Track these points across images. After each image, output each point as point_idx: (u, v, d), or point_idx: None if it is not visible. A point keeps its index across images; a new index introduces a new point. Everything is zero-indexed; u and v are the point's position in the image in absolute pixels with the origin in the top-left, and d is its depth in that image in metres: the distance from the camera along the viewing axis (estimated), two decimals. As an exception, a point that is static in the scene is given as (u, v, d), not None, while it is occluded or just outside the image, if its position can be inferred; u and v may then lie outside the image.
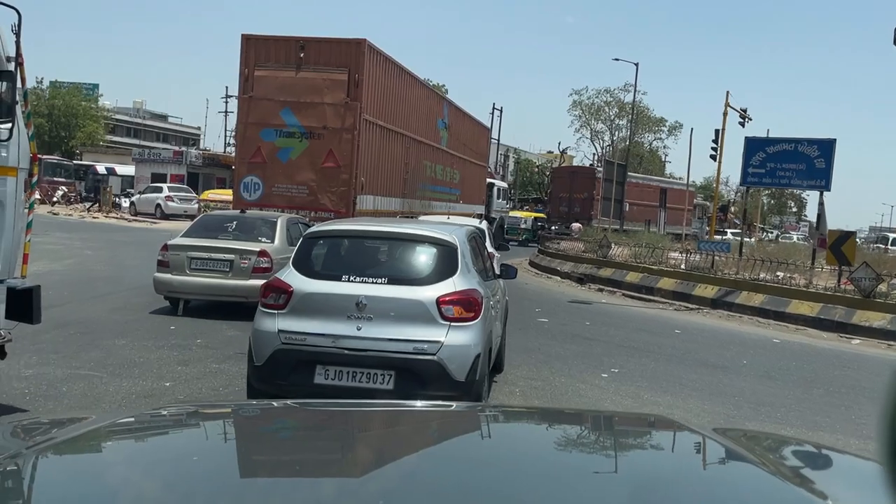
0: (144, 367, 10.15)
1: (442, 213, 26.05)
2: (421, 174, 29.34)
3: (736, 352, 14.97)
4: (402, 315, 7.17)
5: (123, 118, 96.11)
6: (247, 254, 14.15)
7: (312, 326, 7.15)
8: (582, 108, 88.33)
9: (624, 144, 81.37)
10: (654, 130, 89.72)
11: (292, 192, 21.97)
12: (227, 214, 17.10)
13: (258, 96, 22.27)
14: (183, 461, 2.12)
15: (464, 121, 36.44)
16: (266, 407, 3.21)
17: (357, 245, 8.19)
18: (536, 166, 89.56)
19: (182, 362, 10.57)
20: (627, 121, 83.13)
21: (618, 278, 23.89)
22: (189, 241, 14.65)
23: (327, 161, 22.11)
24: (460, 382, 7.03)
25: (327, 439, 2.52)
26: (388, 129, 25.27)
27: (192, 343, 11.87)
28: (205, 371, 10.17)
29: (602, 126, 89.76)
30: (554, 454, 2.41)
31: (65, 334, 11.73)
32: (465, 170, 36.08)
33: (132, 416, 2.95)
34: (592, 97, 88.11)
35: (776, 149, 22.94)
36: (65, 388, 8.90)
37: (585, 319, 17.51)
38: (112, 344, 11.44)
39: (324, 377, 7.07)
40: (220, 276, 14.10)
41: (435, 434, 2.66)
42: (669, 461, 2.40)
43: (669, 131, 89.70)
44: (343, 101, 21.84)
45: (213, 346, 11.80)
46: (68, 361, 10.15)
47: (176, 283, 14.14)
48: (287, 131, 22.18)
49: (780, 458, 2.53)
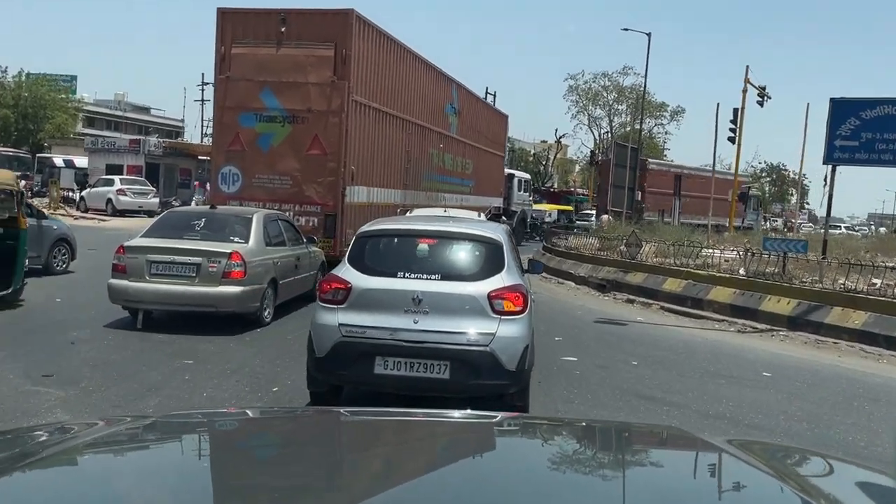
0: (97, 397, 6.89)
1: (439, 205, 18.65)
2: (426, 163, 21.82)
3: (880, 416, 7.62)
4: (455, 309, 6.31)
5: (103, 111, 75.55)
6: (216, 256, 10.12)
7: (372, 320, 6.30)
8: (579, 94, 69.59)
9: (624, 131, 65.48)
10: (656, 116, 70.10)
11: (274, 183, 16.25)
12: (194, 211, 12.58)
13: (236, 76, 16.34)
14: (176, 472, 1.75)
15: (477, 106, 28.25)
16: (269, 414, 2.90)
17: (408, 243, 6.98)
18: (531, 155, 76.56)
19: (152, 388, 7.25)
20: (627, 105, 68.16)
21: (652, 286, 15.30)
22: (149, 241, 10.43)
23: (312, 148, 16.16)
24: (511, 372, 6.20)
25: (333, 449, 2.08)
26: (383, 113, 18.38)
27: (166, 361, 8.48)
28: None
29: (600, 112, 70.70)
30: (567, 466, 1.97)
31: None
32: (479, 159, 27.86)
33: (132, 423, 2.30)
34: (589, 82, 69.64)
35: (876, 113, 13.70)
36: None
37: (628, 354, 10.16)
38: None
39: (383, 367, 6.22)
40: (185, 282, 10.08)
41: (443, 445, 2.13)
42: (685, 473, 1.96)
43: (671, 116, 71.32)
44: (329, 79, 15.99)
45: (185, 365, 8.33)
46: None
47: (133, 290, 10.08)
48: (268, 115, 16.30)
49: (796, 470, 2.04)
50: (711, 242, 20.05)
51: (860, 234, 46.58)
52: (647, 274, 15.89)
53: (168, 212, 11.92)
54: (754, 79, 26.84)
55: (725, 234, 27.06)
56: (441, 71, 22.65)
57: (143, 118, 78.11)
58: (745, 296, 13.13)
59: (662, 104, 70.70)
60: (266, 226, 11.13)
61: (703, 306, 13.74)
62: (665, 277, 15.28)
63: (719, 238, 24.84)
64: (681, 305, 14.15)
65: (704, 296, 13.89)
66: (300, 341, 7.67)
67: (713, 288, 13.88)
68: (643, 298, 15.21)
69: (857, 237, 35.38)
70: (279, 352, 9.16)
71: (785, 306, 12.34)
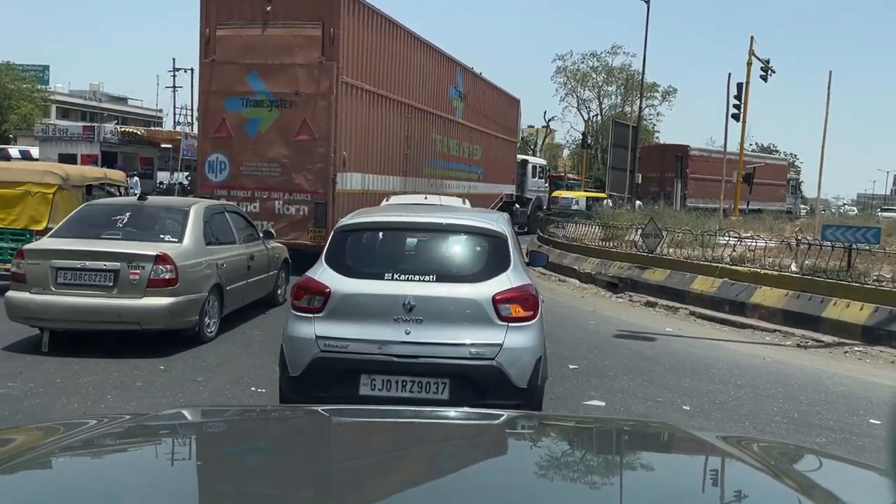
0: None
1: (421, 192, 14.35)
2: (429, 149, 17.40)
3: None
4: (454, 316, 4.37)
5: (78, 101, 58.08)
6: (139, 260, 6.51)
7: (355, 331, 4.35)
8: (567, 75, 56.53)
9: (614, 113, 52.89)
10: (647, 97, 54.28)
11: (262, 171, 12.74)
12: (118, 203, 8.05)
13: (221, 60, 12.78)
14: (168, 471, 1.41)
15: (485, 90, 22.96)
16: (274, 412, 2.32)
17: (396, 238, 4.88)
18: (519, 140, 67.08)
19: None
20: (617, 87, 55.93)
21: (677, 285, 10.47)
22: (55, 243, 6.81)
23: (301, 133, 12.57)
24: (522, 389, 4.28)
25: (334, 446, 1.67)
26: (378, 95, 14.46)
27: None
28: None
29: (589, 94, 57.40)
30: (571, 464, 1.59)
31: None
32: (488, 145, 22.75)
33: (124, 421, 1.79)
34: (578, 63, 56.38)
35: None
36: None
37: (673, 391, 6.03)
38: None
39: (370, 387, 4.27)
40: (101, 293, 6.46)
41: (448, 445, 1.70)
42: (675, 469, 1.61)
43: (663, 97, 57.01)
44: (317, 60, 12.45)
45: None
46: None
47: (35, 305, 6.47)
48: (254, 100, 12.71)
49: (790, 466, 1.65)
50: (727, 228, 14.60)
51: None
52: (669, 270, 10.92)
53: (85, 206, 7.86)
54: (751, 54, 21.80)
55: (732, 219, 21.29)
56: (444, 53, 18.07)
57: (119, 108, 60.33)
58: (800, 299, 8.56)
59: (654, 84, 56.05)
60: (208, 220, 7.49)
61: (746, 312, 9.07)
62: (693, 275, 10.36)
63: (726, 222, 18.78)
64: (716, 310, 9.40)
65: (747, 298, 9.17)
66: (254, 362, 6.16)
67: (758, 288, 9.17)
68: (667, 301, 10.32)
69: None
70: (228, 378, 6.01)
71: (857, 313, 7.95)
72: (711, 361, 7.23)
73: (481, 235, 4.75)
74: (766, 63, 20.89)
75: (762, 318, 8.88)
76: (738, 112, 20.50)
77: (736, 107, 20.45)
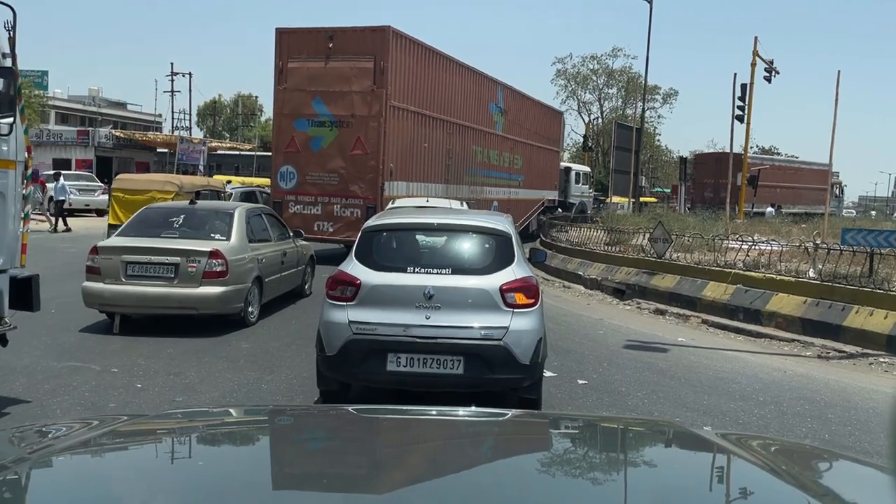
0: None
1: (420, 195, 12.83)
2: (470, 159, 16.09)
3: None
4: (468, 303, 4.13)
5: (77, 106, 43.75)
6: (195, 255, 6.17)
7: (383, 317, 4.09)
8: (567, 78, 46.56)
9: (615, 115, 44.09)
10: (648, 99, 42.86)
11: (324, 179, 12.36)
12: (172, 207, 7.59)
13: (291, 87, 12.43)
14: (186, 468, 1.14)
15: (527, 105, 21.02)
16: (275, 410, 1.99)
17: (416, 237, 4.69)
18: None
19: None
20: (618, 89, 46.99)
21: (688, 292, 8.31)
22: (124, 241, 6.40)
23: (355, 149, 12.17)
24: (525, 365, 4.08)
25: (349, 448, 1.30)
26: (422, 115, 13.46)
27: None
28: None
29: (590, 96, 47.41)
30: (576, 462, 1.29)
31: None
32: (529, 155, 20.82)
33: (132, 421, 1.46)
34: (578, 65, 46.57)
35: None
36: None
37: (692, 409, 4.53)
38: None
39: (396, 364, 4.05)
40: (163, 283, 6.13)
41: (455, 443, 1.37)
42: (680, 466, 1.29)
43: (664, 99, 46.83)
44: (369, 88, 12.08)
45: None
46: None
47: (109, 293, 6.10)
48: (318, 121, 12.34)
49: (791, 464, 1.29)
50: (735, 232, 11.77)
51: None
52: (679, 276, 8.73)
53: (145, 209, 7.38)
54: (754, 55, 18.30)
55: (737, 221, 17.63)
56: (484, 74, 16.79)
57: (119, 114, 48.03)
58: (820, 306, 6.70)
59: (654, 87, 46.02)
60: (249, 221, 7.04)
61: (762, 320, 7.15)
62: (704, 281, 8.22)
63: (732, 225, 15.01)
64: (730, 318, 7.45)
65: (763, 306, 7.22)
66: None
67: (774, 295, 7.22)
68: (677, 308, 8.24)
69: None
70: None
71: (881, 321, 6.12)
72: (730, 375, 5.60)
73: (489, 234, 4.48)
74: (770, 64, 17.73)
75: (779, 327, 6.98)
76: (742, 114, 17.37)
77: (740, 108, 17.20)
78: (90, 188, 21.34)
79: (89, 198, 20.74)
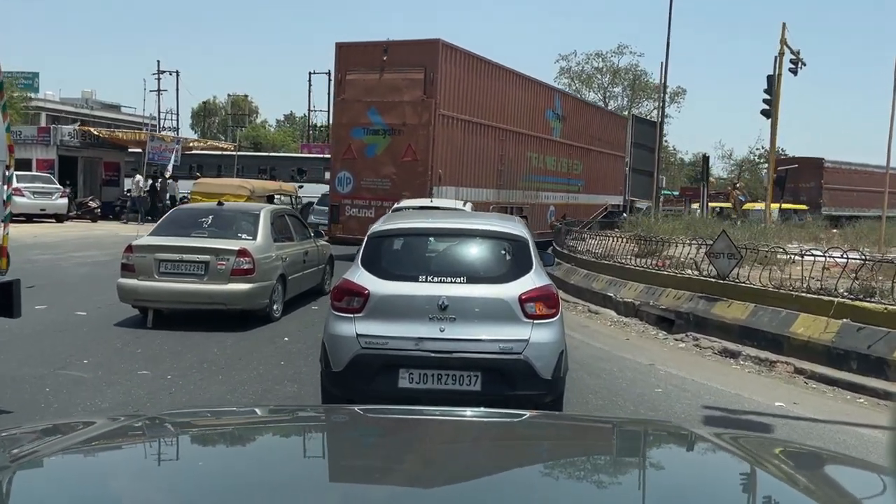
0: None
1: (424, 197, 12.55)
2: (524, 165, 16.52)
3: None
4: (485, 314, 3.84)
5: (68, 108, 39.97)
6: (224, 254, 6.62)
7: (394, 329, 3.80)
8: (571, 76, 42.81)
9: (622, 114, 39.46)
10: (655, 98, 39.85)
11: (377, 185, 13.15)
12: (201, 208, 8.32)
13: (349, 99, 13.38)
14: (186, 468, 1.16)
15: (588, 111, 21.45)
16: (278, 409, 2.07)
17: (427, 243, 4.36)
18: None
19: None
20: (623, 88, 43.32)
21: (769, 327, 5.77)
22: (156, 240, 6.93)
23: (406, 155, 12.99)
24: (547, 380, 3.80)
25: (361, 447, 1.33)
26: (471, 122, 13.92)
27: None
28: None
29: (595, 95, 42.72)
30: (578, 461, 1.33)
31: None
32: (590, 160, 20.98)
33: (120, 423, 1.45)
34: (582, 63, 42.79)
35: None
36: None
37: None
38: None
39: (408, 381, 3.76)
40: (194, 280, 6.61)
41: (465, 443, 1.38)
42: (689, 467, 1.32)
43: (671, 98, 40.83)
44: (420, 98, 12.84)
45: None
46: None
47: (143, 289, 6.61)
48: (373, 129, 13.24)
49: (788, 463, 1.32)
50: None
51: None
52: (752, 304, 6.44)
53: (175, 210, 7.97)
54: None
55: (763, 226, 14.16)
56: (540, 81, 17.26)
57: (112, 116, 44.21)
58: None
59: (657, 85, 39.83)
60: (274, 221, 7.46)
61: (890, 373, 4.97)
62: (792, 312, 5.98)
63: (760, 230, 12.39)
64: (837, 368, 5.29)
65: (889, 354, 4.99)
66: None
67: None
68: (754, 349, 5.99)
69: None
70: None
71: None
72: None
73: (505, 240, 4.20)
74: (796, 55, 15.13)
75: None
76: (769, 108, 14.82)
77: (766, 101, 14.77)
78: (46, 191, 18.56)
79: (46, 202, 18.36)
